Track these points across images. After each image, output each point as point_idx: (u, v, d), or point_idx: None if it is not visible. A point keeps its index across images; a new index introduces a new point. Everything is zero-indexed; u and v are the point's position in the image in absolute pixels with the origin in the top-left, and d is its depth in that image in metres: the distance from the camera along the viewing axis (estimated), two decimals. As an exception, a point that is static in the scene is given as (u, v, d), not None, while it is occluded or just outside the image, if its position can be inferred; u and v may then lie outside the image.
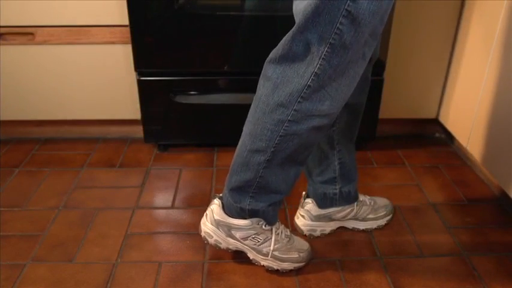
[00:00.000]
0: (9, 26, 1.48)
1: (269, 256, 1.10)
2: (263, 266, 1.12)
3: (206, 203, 1.36)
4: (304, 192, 1.27)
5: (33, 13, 1.46)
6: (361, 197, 1.26)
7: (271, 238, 1.09)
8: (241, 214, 1.07)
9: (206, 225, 1.10)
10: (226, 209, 1.09)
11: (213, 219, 1.09)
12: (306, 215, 1.22)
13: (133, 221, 1.29)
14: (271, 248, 1.09)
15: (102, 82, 1.58)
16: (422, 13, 1.50)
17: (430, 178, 1.50)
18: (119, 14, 1.47)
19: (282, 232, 1.12)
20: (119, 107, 1.62)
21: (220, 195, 1.12)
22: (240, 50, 1.46)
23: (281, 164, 1.02)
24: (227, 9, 1.42)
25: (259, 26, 1.43)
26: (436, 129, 1.73)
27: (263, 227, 1.08)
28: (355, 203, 1.24)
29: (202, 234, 1.11)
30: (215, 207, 1.09)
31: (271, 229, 1.09)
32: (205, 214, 1.12)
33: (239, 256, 1.16)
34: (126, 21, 1.45)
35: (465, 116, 1.44)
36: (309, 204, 1.22)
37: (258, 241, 1.09)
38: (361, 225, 1.26)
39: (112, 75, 1.57)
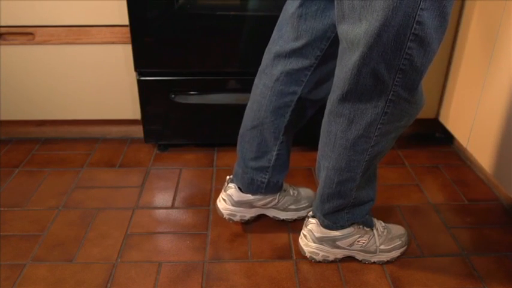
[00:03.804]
0: (9, 26, 1.48)
1: (377, 252, 1.12)
2: (373, 262, 1.14)
3: (206, 203, 1.36)
4: (228, 177, 1.23)
5: (33, 13, 1.46)
6: (285, 187, 1.25)
7: (374, 236, 1.12)
8: (341, 228, 1.10)
9: (309, 246, 1.12)
10: (325, 226, 1.11)
11: (314, 238, 1.11)
12: (228, 199, 1.20)
13: (134, 221, 1.29)
14: (377, 244, 1.12)
15: (102, 82, 1.58)
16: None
17: (430, 178, 1.50)
18: (119, 14, 1.47)
19: (379, 226, 1.14)
20: (119, 107, 1.62)
21: (312, 214, 1.13)
22: (240, 50, 1.46)
23: (368, 179, 1.05)
24: (227, 9, 1.42)
25: (259, 26, 1.43)
26: (436, 129, 1.73)
27: (365, 228, 1.11)
28: (278, 193, 1.22)
29: (308, 255, 1.13)
30: (313, 226, 1.11)
31: (372, 228, 1.12)
32: (302, 235, 1.14)
33: (239, 256, 1.16)
34: (126, 21, 1.45)
35: (465, 116, 1.43)
36: (232, 189, 1.19)
37: (364, 242, 1.11)
38: (282, 215, 1.26)
39: (112, 75, 1.57)
